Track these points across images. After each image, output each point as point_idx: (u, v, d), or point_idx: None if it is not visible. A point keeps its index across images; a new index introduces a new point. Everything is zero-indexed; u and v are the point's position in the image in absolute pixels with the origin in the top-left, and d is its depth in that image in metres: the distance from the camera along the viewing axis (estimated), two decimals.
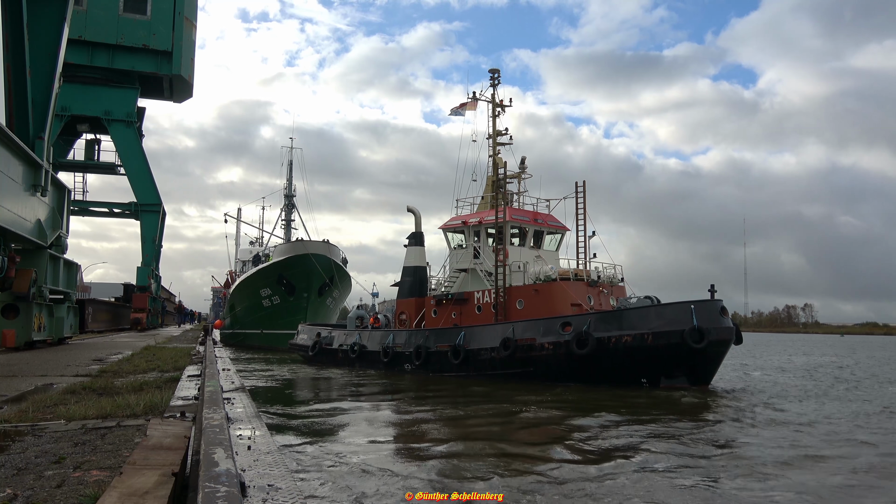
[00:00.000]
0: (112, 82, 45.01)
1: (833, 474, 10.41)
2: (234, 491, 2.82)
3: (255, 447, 4.23)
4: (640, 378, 22.63)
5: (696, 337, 21.65)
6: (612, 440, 12.99)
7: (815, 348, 74.22)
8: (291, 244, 52.04)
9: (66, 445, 5.12)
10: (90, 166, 48.19)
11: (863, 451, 12.36)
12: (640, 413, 16.46)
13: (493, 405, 18.15)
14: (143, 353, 16.16)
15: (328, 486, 9.05)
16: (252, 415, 5.79)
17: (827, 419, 16.33)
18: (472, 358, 25.64)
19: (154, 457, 3.87)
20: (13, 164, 14.61)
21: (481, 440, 13.02)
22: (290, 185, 64.11)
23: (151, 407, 6.82)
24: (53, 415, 6.48)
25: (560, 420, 15.74)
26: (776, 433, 14.08)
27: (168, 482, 3.33)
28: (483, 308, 29.08)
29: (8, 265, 15.12)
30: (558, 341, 23.52)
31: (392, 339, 29.60)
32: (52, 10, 18.17)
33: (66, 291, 21.73)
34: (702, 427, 14.67)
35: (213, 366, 10.26)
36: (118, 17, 43.43)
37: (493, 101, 32.58)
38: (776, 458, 11.40)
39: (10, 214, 14.34)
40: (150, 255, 46.17)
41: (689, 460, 11.17)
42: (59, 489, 3.88)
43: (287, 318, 47.79)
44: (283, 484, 3.37)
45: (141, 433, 5.27)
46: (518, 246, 30.07)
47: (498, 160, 31.79)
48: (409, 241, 34.48)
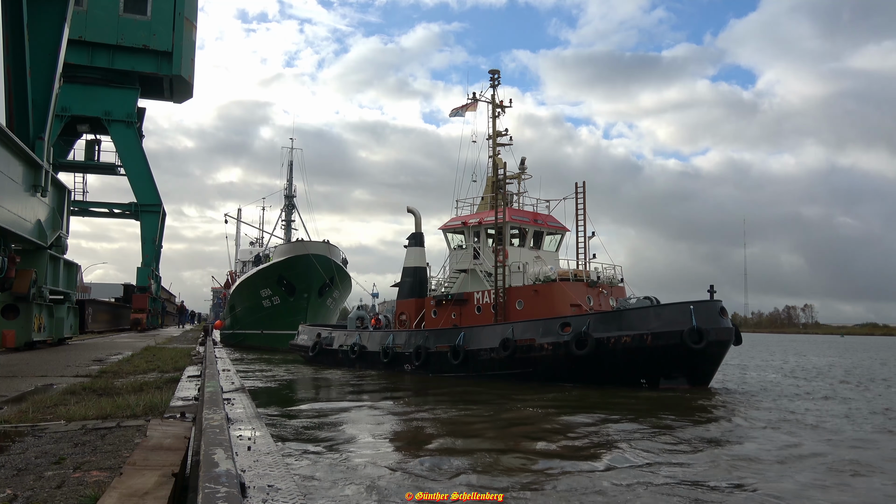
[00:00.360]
0: (112, 83, 45.03)
1: (822, 474, 10.42)
2: (234, 491, 2.83)
3: (255, 448, 4.24)
4: (640, 379, 22.60)
5: (695, 337, 21.62)
6: (607, 439, 13.01)
7: (816, 349, 74.19)
8: (292, 245, 52.05)
9: (66, 446, 5.12)
10: (90, 167, 48.22)
11: (853, 452, 12.30)
12: (636, 414, 16.42)
13: (492, 406, 18.13)
14: (143, 354, 16.17)
15: (328, 487, 9.05)
16: (252, 415, 5.80)
17: (821, 420, 16.25)
18: (472, 358, 25.61)
19: (154, 457, 3.88)
20: (13, 164, 14.62)
21: (480, 441, 13.04)
22: (290, 186, 64.10)
23: (151, 407, 6.83)
24: (53, 415, 6.48)
25: (557, 420, 15.71)
26: (768, 434, 14.00)
27: (168, 483, 3.33)
28: (483, 308, 29.08)
29: (8, 265, 15.12)
30: (558, 342, 23.49)
31: (392, 339, 29.58)
32: (53, 11, 18.18)
33: (66, 292, 21.74)
34: (696, 427, 14.68)
35: (213, 366, 10.27)
36: (118, 17, 43.47)
37: (494, 102, 32.59)
38: (768, 458, 11.36)
39: (10, 215, 14.34)
40: (151, 255, 46.20)
41: (683, 458, 11.24)
42: (59, 490, 3.88)
43: (287, 319, 47.78)
44: (283, 484, 3.37)
45: (141, 434, 5.27)
46: (518, 246, 30.09)
47: (498, 161, 31.80)
48: (410, 242, 34.51)
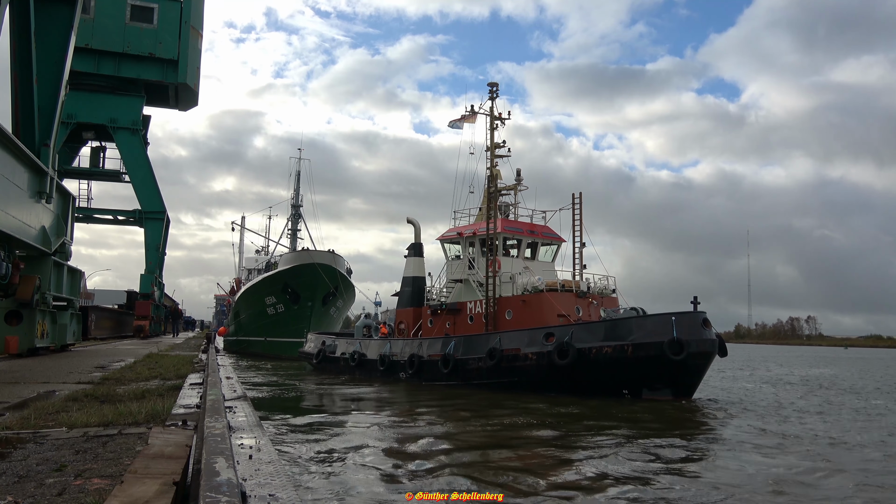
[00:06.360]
0: (118, 90, 45.28)
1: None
2: (235, 501, 2.81)
3: (257, 456, 4.21)
4: (622, 389, 22.57)
5: (676, 349, 21.54)
6: (566, 451, 13.19)
7: (820, 361, 73.76)
8: (297, 253, 52.16)
9: (67, 453, 5.11)
10: (95, 174, 48.34)
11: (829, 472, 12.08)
12: (605, 424, 16.66)
13: (481, 412, 18.25)
14: (145, 361, 16.15)
15: (329, 494, 9.04)
16: (254, 423, 5.77)
17: (797, 434, 15.97)
18: (461, 367, 25.76)
19: (155, 465, 3.86)
20: (19, 170, 14.66)
21: (476, 444, 13.23)
22: (297, 196, 64.20)
23: (153, 415, 6.81)
24: (55, 422, 6.47)
25: (539, 430, 15.85)
26: (736, 451, 13.66)
27: (169, 491, 3.31)
28: (475, 318, 29.34)
29: (12, 272, 15.15)
30: (541, 352, 23.56)
31: (389, 347, 29.90)
32: (60, 19, 18.28)
33: (70, 298, 21.76)
34: (668, 437, 14.77)
35: (216, 374, 10.26)
36: (125, 25, 43.75)
37: (492, 115, 32.64)
38: (726, 475, 11.16)
39: (14, 221, 14.38)
40: (154, 262, 46.26)
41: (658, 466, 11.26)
42: (60, 497, 3.87)
43: (291, 327, 48.03)
44: (284, 494, 3.35)
45: (142, 441, 5.26)
46: (512, 257, 30.23)
47: (497, 172, 31.88)
48: (409, 252, 35.12)
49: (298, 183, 63.92)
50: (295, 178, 63.83)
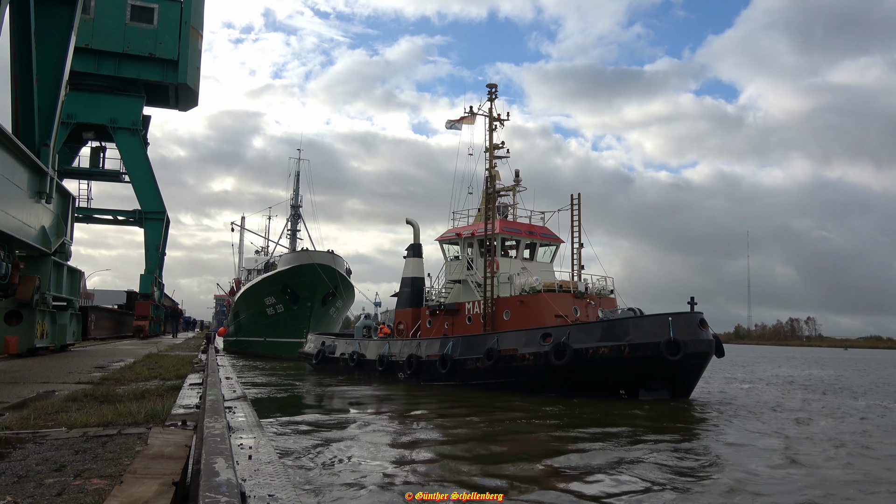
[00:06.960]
0: (118, 90, 45.30)
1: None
2: (234, 501, 2.82)
3: (256, 456, 4.21)
4: (619, 390, 22.58)
5: (673, 349, 21.57)
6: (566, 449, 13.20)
7: (822, 362, 73.75)
8: (297, 254, 52.15)
9: (67, 453, 5.11)
10: (95, 174, 48.36)
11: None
12: (604, 424, 16.65)
13: (480, 413, 18.25)
14: (145, 361, 16.15)
15: (329, 494, 9.04)
16: (253, 424, 5.77)
17: (786, 435, 15.92)
18: (459, 368, 25.79)
19: (155, 466, 3.86)
20: (18, 170, 14.66)
21: (474, 444, 13.22)
22: (297, 196, 64.24)
23: (153, 415, 6.81)
24: (55, 422, 6.47)
25: (537, 430, 15.89)
26: (727, 451, 13.65)
27: (168, 492, 3.31)
28: (473, 319, 29.39)
29: (12, 272, 15.14)
30: (538, 352, 23.58)
31: (388, 348, 29.94)
32: (60, 19, 18.29)
33: (70, 298, 21.76)
34: (666, 437, 14.80)
35: (215, 374, 10.26)
36: (125, 25, 43.77)
37: (491, 116, 32.63)
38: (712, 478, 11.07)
39: (14, 221, 14.38)
40: (154, 262, 46.26)
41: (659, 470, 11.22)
42: (60, 497, 3.87)
43: (290, 327, 48.04)
44: (283, 494, 3.35)
45: (142, 441, 5.26)
46: (510, 258, 30.25)
47: (496, 173, 31.90)
48: (408, 253, 35.29)
49: (297, 183, 64.04)
50: (294, 178, 63.98)
